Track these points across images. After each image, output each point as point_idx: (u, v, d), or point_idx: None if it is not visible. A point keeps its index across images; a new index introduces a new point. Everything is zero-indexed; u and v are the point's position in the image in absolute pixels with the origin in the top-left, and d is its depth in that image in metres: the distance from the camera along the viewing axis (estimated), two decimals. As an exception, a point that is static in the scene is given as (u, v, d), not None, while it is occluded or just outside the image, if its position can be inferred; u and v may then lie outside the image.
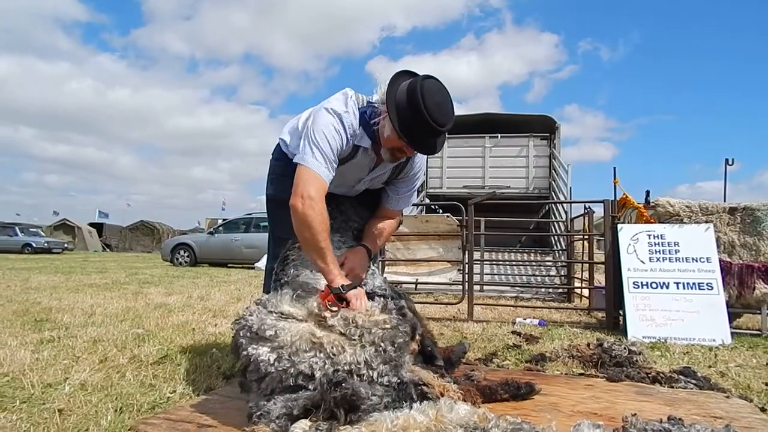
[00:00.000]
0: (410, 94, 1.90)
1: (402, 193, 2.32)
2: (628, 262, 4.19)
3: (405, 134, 1.93)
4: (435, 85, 1.95)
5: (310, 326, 1.62)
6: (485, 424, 1.23)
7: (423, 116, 1.87)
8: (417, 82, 1.92)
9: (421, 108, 1.87)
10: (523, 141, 10.91)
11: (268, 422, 1.42)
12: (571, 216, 8.15)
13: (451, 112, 1.97)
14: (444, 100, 1.95)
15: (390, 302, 1.80)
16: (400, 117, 1.92)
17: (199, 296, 5.94)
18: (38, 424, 1.64)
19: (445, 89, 1.97)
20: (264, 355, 1.56)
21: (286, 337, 1.57)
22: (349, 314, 1.66)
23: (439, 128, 1.92)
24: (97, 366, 2.44)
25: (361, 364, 1.51)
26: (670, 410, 1.86)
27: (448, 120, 1.95)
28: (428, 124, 1.89)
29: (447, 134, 2.10)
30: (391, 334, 1.62)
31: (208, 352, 2.78)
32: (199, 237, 15.13)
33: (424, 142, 1.98)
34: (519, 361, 2.90)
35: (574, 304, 6.35)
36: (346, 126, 2.00)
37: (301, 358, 1.54)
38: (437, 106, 1.90)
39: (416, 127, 1.91)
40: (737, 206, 4.38)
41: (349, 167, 2.15)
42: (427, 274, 7.03)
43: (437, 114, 1.90)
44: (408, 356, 1.67)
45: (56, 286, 6.71)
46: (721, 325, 3.75)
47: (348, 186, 2.30)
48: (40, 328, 3.46)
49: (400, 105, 1.93)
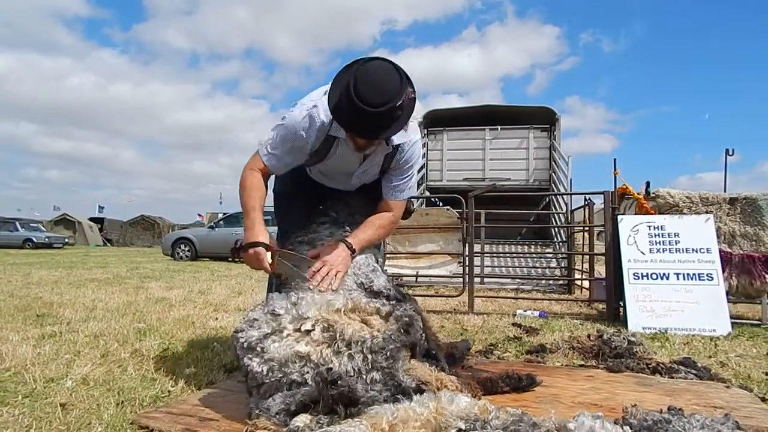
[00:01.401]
0: (343, 73, 1.86)
1: (396, 183, 2.21)
2: (629, 253, 4.19)
3: (336, 117, 1.89)
4: (377, 65, 1.84)
5: (295, 343, 1.59)
6: (486, 415, 1.24)
7: (350, 96, 1.78)
8: (357, 62, 1.85)
9: (350, 88, 1.78)
10: (523, 133, 10.85)
11: (268, 417, 1.42)
12: (572, 208, 8.14)
13: (391, 93, 1.79)
14: (381, 80, 1.80)
15: (395, 312, 1.71)
16: (332, 99, 1.88)
17: (200, 290, 5.95)
18: (41, 419, 1.64)
19: (388, 71, 1.82)
20: (257, 366, 1.58)
21: (276, 352, 1.57)
22: (338, 327, 1.60)
23: (368, 109, 1.77)
24: (98, 360, 2.45)
25: (351, 372, 1.50)
26: (670, 401, 1.87)
27: (381, 100, 1.78)
28: (355, 105, 1.78)
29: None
30: (380, 345, 1.56)
31: (210, 346, 2.79)
32: (200, 231, 15.14)
33: (356, 125, 1.88)
34: (519, 352, 2.91)
35: (575, 296, 6.36)
36: (313, 117, 1.98)
37: (291, 368, 1.54)
38: (369, 86, 1.78)
39: (346, 108, 1.83)
40: (738, 196, 4.38)
41: (335, 161, 2.14)
42: (428, 267, 7.03)
43: (367, 94, 1.77)
44: (401, 362, 1.62)
45: (57, 281, 6.72)
46: (721, 316, 3.76)
47: (342, 181, 2.28)
48: (42, 323, 3.46)
49: (334, 87, 1.88)
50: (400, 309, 1.71)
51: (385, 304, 1.75)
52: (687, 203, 4.44)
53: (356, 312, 1.70)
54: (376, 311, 1.71)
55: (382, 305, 1.74)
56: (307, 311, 1.66)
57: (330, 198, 2.33)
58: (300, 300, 1.72)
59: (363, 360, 1.52)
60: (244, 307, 4.56)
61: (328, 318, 1.63)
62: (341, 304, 1.70)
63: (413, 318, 1.71)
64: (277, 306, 1.72)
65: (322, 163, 2.17)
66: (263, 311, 1.72)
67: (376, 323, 1.65)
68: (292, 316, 1.67)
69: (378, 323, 1.65)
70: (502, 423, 1.20)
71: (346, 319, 1.64)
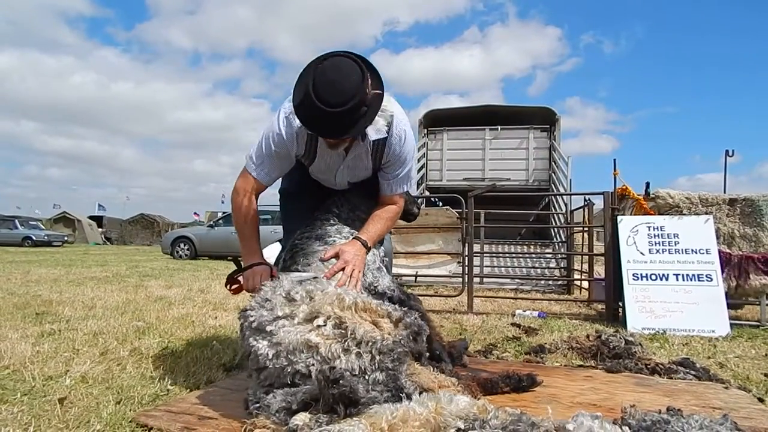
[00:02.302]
0: (303, 73, 1.84)
1: (391, 177, 2.20)
2: (628, 253, 4.19)
3: (298, 117, 1.88)
4: (335, 63, 1.80)
5: (307, 332, 1.58)
6: (485, 415, 1.24)
7: (309, 95, 1.77)
8: (318, 60, 1.83)
9: (308, 87, 1.77)
10: (523, 133, 10.85)
11: (268, 415, 1.42)
12: (571, 208, 8.14)
13: (348, 92, 1.76)
14: (339, 78, 1.77)
15: (405, 319, 1.71)
16: (294, 99, 1.87)
17: (200, 289, 5.94)
18: (39, 416, 1.64)
19: (347, 69, 1.80)
20: (263, 349, 1.56)
21: (286, 337, 1.56)
22: (349, 325, 1.60)
23: (327, 109, 1.75)
24: (97, 358, 2.45)
25: (356, 371, 1.49)
26: (668, 401, 1.87)
27: (338, 100, 1.75)
28: (313, 104, 1.76)
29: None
30: (389, 347, 1.57)
31: (209, 345, 2.79)
32: (199, 230, 15.14)
33: (314, 124, 1.86)
34: (518, 352, 2.91)
35: (574, 296, 6.37)
36: (291, 121, 1.98)
37: (298, 357, 1.53)
38: (327, 85, 1.75)
39: (306, 108, 1.81)
40: (737, 197, 4.38)
41: (321, 160, 2.14)
42: (427, 267, 7.04)
43: (324, 93, 1.75)
44: (406, 366, 1.62)
45: (57, 279, 6.72)
46: (720, 317, 3.76)
47: (329, 180, 2.28)
48: (41, 321, 3.46)
49: (296, 86, 1.87)
50: (411, 317, 1.72)
51: (396, 309, 1.75)
52: (687, 204, 4.44)
53: (367, 312, 1.70)
54: (387, 315, 1.71)
55: (394, 310, 1.74)
56: (321, 304, 1.66)
57: (331, 196, 2.34)
58: (314, 291, 1.71)
59: (371, 360, 1.52)
60: (243, 306, 4.56)
61: (340, 315, 1.62)
62: (353, 302, 1.69)
63: (422, 328, 1.72)
64: (293, 291, 1.70)
65: (314, 163, 2.18)
66: (276, 292, 1.71)
67: (386, 327, 1.65)
68: (307, 305, 1.65)
69: (388, 327, 1.66)
70: (501, 423, 1.20)
71: (358, 318, 1.64)
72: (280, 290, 1.72)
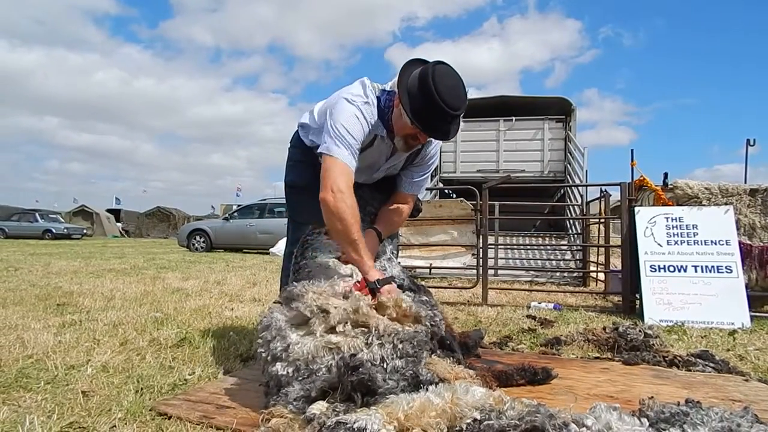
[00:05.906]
0: (422, 80, 1.89)
1: (416, 178, 2.31)
2: (645, 245, 4.13)
3: (418, 120, 1.91)
4: (447, 69, 1.93)
5: (324, 335, 1.58)
6: (501, 406, 1.23)
7: (435, 101, 1.86)
8: (429, 67, 1.90)
9: (432, 92, 1.85)
10: (538, 124, 10.74)
11: (285, 404, 1.44)
12: (587, 199, 8.05)
13: (464, 96, 1.95)
14: (456, 84, 1.92)
15: (423, 311, 1.76)
16: (412, 103, 1.91)
17: (216, 281, 6.01)
18: (62, 404, 1.68)
19: (456, 74, 1.94)
20: (282, 369, 1.56)
21: (302, 350, 1.56)
22: (372, 323, 1.62)
23: (452, 112, 1.90)
24: (117, 348, 2.49)
25: (377, 360, 1.50)
26: (687, 393, 1.85)
27: (460, 104, 1.92)
28: (440, 109, 1.87)
29: (462, 119, 2.08)
30: (411, 335, 1.61)
31: (226, 336, 2.83)
32: (215, 223, 15.28)
33: (437, 128, 1.97)
34: (534, 344, 2.90)
35: (590, 288, 6.31)
36: (367, 115, 2.00)
37: (318, 365, 1.52)
38: (449, 90, 1.88)
39: (428, 112, 1.89)
40: (759, 187, 4.29)
41: (367, 155, 2.16)
42: (441, 258, 7.01)
43: (449, 98, 1.88)
44: (424, 354, 1.66)
45: (76, 271, 6.85)
46: (740, 309, 3.70)
47: (367, 174, 2.30)
48: (62, 312, 3.53)
49: (411, 91, 1.91)
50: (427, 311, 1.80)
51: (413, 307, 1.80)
52: (706, 194, 4.36)
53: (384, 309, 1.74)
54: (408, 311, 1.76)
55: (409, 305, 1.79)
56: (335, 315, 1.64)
57: None
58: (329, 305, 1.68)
59: (393, 348, 1.55)
60: (259, 297, 4.60)
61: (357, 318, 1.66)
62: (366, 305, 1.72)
63: (439, 326, 1.82)
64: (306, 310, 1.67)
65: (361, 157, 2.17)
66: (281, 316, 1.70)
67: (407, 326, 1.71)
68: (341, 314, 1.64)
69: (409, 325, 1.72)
70: (518, 413, 1.19)
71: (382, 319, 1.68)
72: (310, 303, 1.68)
